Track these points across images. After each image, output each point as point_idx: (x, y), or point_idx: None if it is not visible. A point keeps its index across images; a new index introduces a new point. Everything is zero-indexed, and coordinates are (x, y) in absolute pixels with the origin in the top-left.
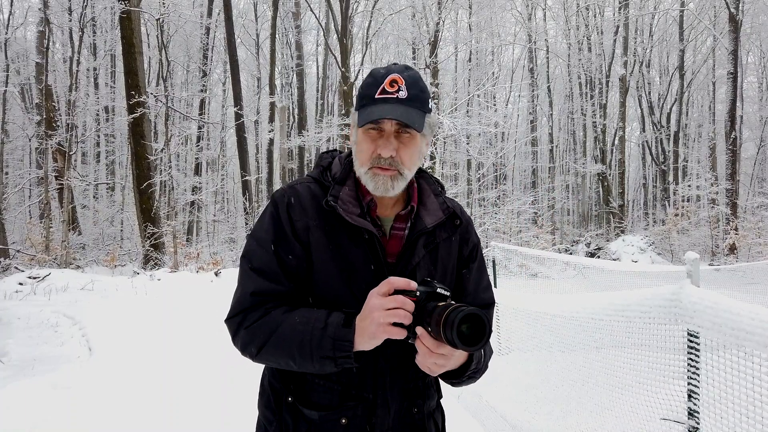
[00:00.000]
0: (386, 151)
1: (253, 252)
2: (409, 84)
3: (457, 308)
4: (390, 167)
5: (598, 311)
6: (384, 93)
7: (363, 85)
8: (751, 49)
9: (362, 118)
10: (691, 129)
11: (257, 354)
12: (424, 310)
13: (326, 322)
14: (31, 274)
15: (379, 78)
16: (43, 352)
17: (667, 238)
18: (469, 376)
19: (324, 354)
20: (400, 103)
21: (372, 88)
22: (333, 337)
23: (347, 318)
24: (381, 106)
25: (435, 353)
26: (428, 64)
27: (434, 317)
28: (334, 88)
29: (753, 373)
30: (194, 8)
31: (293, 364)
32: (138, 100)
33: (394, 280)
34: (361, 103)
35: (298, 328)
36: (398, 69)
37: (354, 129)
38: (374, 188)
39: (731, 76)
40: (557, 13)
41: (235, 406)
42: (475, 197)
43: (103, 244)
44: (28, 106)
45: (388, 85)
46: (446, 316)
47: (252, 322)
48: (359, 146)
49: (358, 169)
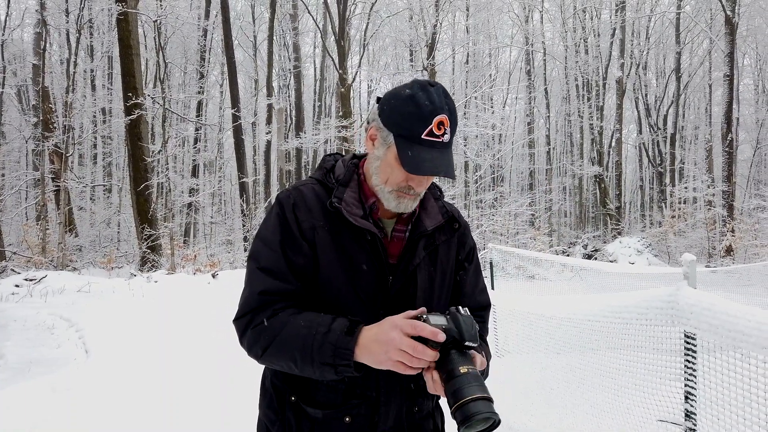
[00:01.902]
0: (420, 189)
1: (260, 252)
2: (452, 123)
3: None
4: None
5: (595, 313)
6: (431, 135)
7: (406, 113)
8: (747, 52)
9: (408, 161)
10: (688, 131)
11: (262, 355)
12: (445, 359)
13: (330, 327)
14: (27, 276)
15: (426, 114)
16: (40, 355)
17: (664, 239)
18: None
19: (324, 360)
20: (445, 149)
21: (418, 125)
22: (334, 344)
23: (351, 325)
24: (429, 153)
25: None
26: (425, 66)
27: (449, 389)
28: (332, 90)
29: (749, 375)
30: (191, 10)
31: (295, 368)
32: (135, 101)
33: (422, 326)
34: (402, 132)
35: (302, 332)
36: (442, 106)
37: (381, 145)
38: (396, 207)
39: (727, 79)
40: (554, 16)
41: (234, 406)
42: (473, 199)
43: (99, 246)
44: (25, 107)
45: (435, 128)
46: (460, 405)
47: (259, 323)
48: (389, 168)
49: (379, 185)
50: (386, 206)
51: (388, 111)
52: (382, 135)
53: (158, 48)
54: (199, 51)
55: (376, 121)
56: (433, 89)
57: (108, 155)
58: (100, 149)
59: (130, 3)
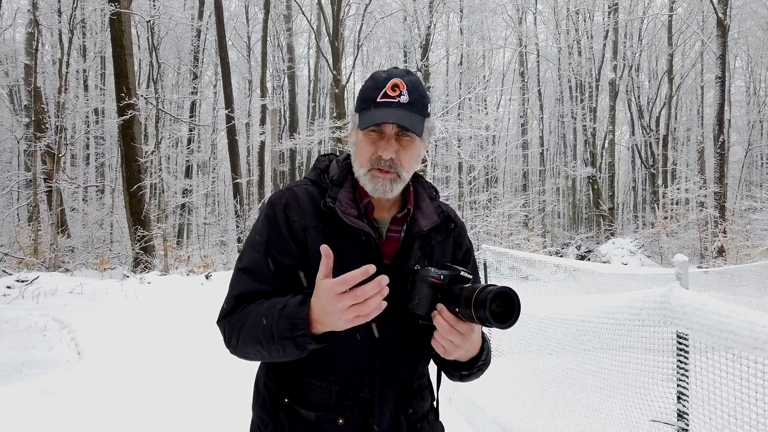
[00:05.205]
0: (387, 153)
1: (246, 253)
2: (411, 89)
3: (485, 288)
4: (389, 170)
5: (587, 313)
6: (386, 97)
7: (364, 88)
8: (739, 54)
9: (364, 120)
10: (680, 132)
11: (237, 347)
12: (449, 293)
13: (286, 303)
14: (19, 277)
15: (380, 82)
16: (32, 356)
17: (657, 240)
18: (479, 368)
19: (282, 334)
20: (402, 108)
21: (374, 92)
22: (289, 317)
23: (305, 297)
24: (383, 110)
25: (454, 329)
26: (419, 67)
27: (462, 299)
28: (326, 91)
29: (741, 375)
30: (185, 10)
31: (263, 351)
32: (128, 102)
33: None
34: (362, 105)
35: (264, 313)
36: (400, 73)
37: (354, 131)
38: (373, 190)
39: (719, 81)
40: (547, 17)
41: (227, 408)
42: (467, 200)
43: (92, 247)
44: (17, 108)
45: (390, 90)
46: (476, 296)
47: (234, 320)
48: (359, 148)
49: (358, 171)
50: (368, 191)
51: (357, 100)
52: (353, 121)
53: (151, 48)
54: (192, 51)
55: (352, 114)
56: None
57: (101, 156)
58: (93, 150)
59: (123, 3)
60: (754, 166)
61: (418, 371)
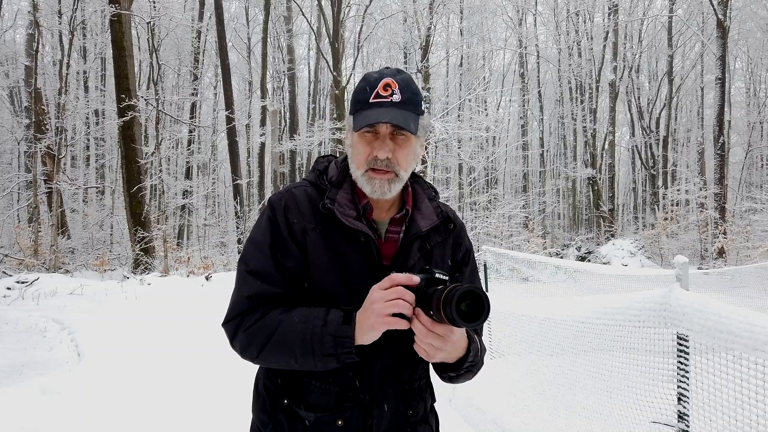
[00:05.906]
0: (382, 153)
1: (250, 255)
2: (402, 87)
3: (454, 287)
4: (387, 169)
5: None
6: (378, 97)
7: (357, 89)
8: (739, 55)
9: (358, 122)
10: (680, 134)
11: (258, 356)
12: (424, 296)
13: (325, 320)
14: (19, 278)
15: (372, 82)
16: (32, 357)
17: (657, 241)
18: (467, 369)
19: (326, 352)
20: (395, 107)
21: (366, 93)
22: (334, 335)
23: (346, 315)
24: (376, 110)
25: (431, 332)
26: (420, 68)
27: (434, 300)
28: (326, 92)
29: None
30: (185, 12)
31: (294, 363)
32: (128, 103)
33: (395, 276)
34: (355, 107)
35: (298, 328)
36: (391, 73)
37: (349, 133)
38: (371, 191)
39: (719, 82)
40: (548, 19)
41: (227, 410)
42: (467, 201)
43: (92, 248)
44: (17, 109)
45: (381, 89)
46: (445, 296)
47: (250, 325)
48: (355, 149)
49: (355, 172)
50: (366, 193)
51: (351, 102)
52: (348, 124)
53: (152, 49)
54: (192, 53)
55: (347, 117)
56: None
57: (101, 157)
58: (93, 151)
59: (124, 4)
60: (754, 167)
61: (417, 372)
